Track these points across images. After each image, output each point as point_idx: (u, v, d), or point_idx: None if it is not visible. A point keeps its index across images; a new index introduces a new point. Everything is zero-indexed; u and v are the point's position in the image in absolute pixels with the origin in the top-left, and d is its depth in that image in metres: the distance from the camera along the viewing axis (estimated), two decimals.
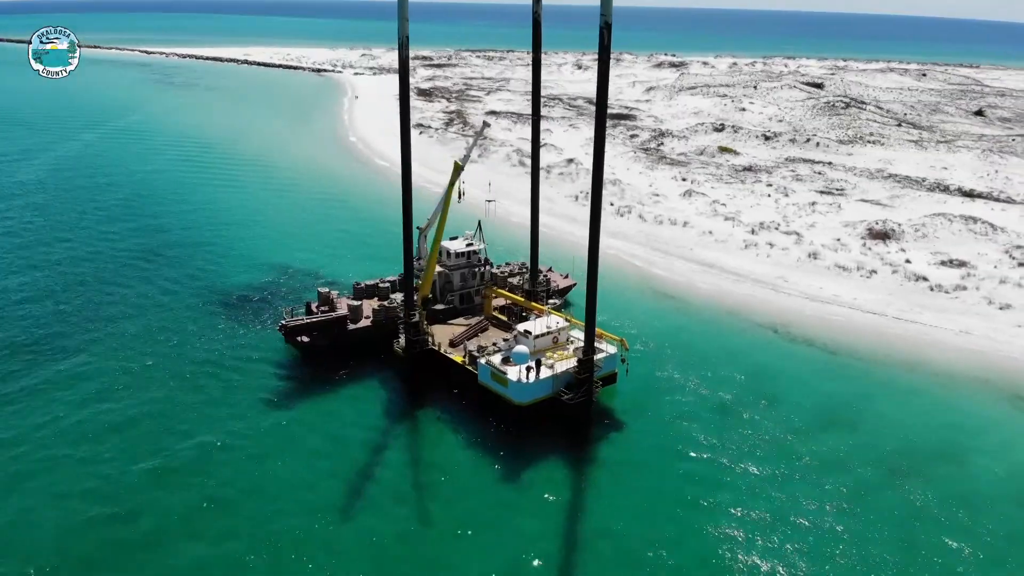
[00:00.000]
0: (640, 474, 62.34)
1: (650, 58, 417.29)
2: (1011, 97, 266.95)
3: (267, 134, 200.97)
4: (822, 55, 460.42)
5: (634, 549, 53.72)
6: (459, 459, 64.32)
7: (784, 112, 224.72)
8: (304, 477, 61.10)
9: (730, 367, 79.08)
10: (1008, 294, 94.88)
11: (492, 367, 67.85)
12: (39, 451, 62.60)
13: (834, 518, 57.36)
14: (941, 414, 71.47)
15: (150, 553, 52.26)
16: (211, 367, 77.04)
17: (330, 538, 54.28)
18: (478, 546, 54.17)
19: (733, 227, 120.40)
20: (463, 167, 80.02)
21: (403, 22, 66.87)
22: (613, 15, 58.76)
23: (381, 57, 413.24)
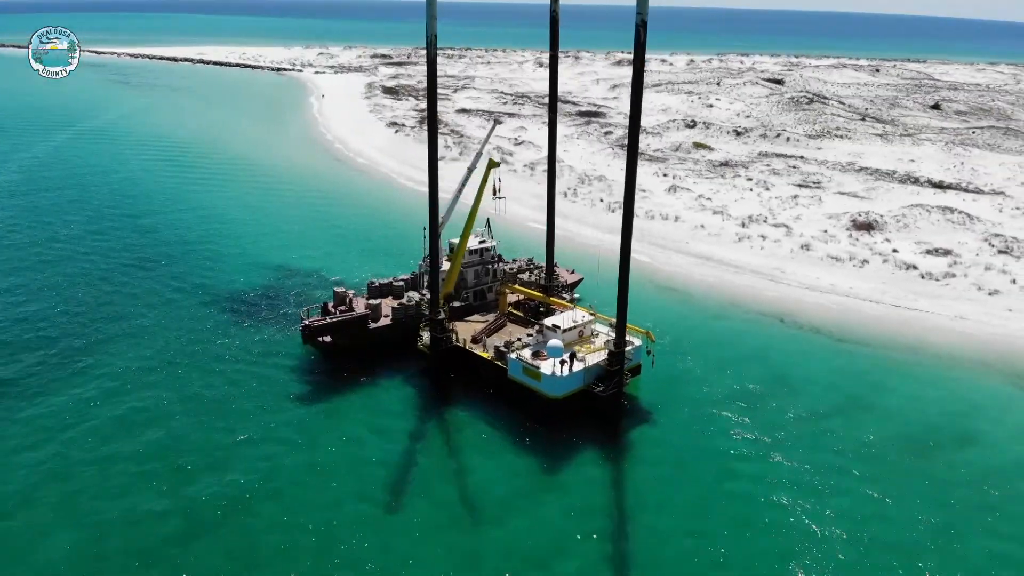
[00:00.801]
0: (677, 460, 63.91)
1: (607, 56, 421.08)
2: (963, 91, 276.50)
3: (243, 134, 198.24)
4: (774, 52, 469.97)
5: (680, 535, 55.38)
6: (495, 451, 65.13)
7: (751, 108, 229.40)
8: (346, 470, 61.67)
9: (744, 356, 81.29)
10: (994, 280, 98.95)
11: (524, 362, 68.64)
12: (78, 452, 61.78)
13: (872, 496, 59.79)
14: (950, 395, 74.54)
15: (201, 543, 52.32)
16: (235, 367, 76.54)
17: (380, 526, 55.25)
18: (526, 532, 55.29)
19: (723, 221, 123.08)
20: (498, 164, 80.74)
21: (431, 20, 67.14)
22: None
23: (339, 56, 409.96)
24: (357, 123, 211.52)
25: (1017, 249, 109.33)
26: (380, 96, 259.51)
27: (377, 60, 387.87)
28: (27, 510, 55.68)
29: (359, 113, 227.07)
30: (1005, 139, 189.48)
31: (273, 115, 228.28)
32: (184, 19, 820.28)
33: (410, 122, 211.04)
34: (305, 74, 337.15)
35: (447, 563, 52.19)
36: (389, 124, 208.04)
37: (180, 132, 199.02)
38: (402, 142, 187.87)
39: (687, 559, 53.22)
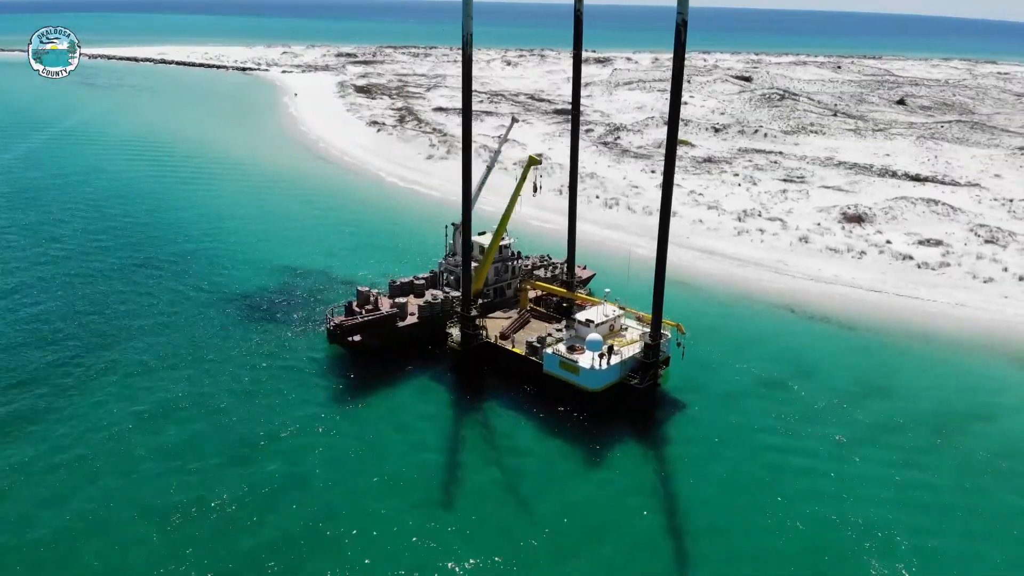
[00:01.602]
0: (716, 447, 65.71)
1: (572, 53, 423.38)
2: (924, 86, 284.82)
3: (223, 134, 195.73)
4: (735, 50, 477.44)
5: (726, 519, 57.23)
6: (535, 441, 66.25)
7: (724, 105, 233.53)
8: (388, 460, 62.53)
9: (761, 345, 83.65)
10: (987, 268, 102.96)
11: (561, 356, 69.85)
12: (109, 449, 61.46)
13: (903, 467, 62.79)
14: (963, 378, 77.74)
15: (243, 535, 52.81)
16: (262, 367, 76.34)
17: (428, 519, 55.96)
18: (575, 512, 56.72)
19: (719, 216, 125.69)
20: (540, 161, 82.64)
21: (467, 19, 67.84)
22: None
23: (304, 55, 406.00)
24: (337, 122, 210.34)
25: (1003, 239, 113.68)
26: (354, 95, 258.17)
27: (343, 59, 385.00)
28: (56, 509, 55.38)
29: (337, 112, 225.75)
30: (972, 133, 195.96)
31: (249, 115, 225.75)
32: (142, 19, 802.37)
33: (390, 121, 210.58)
34: (272, 73, 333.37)
35: (500, 544, 53.42)
36: (369, 123, 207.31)
37: (159, 132, 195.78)
38: (386, 141, 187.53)
39: (739, 530, 55.64)
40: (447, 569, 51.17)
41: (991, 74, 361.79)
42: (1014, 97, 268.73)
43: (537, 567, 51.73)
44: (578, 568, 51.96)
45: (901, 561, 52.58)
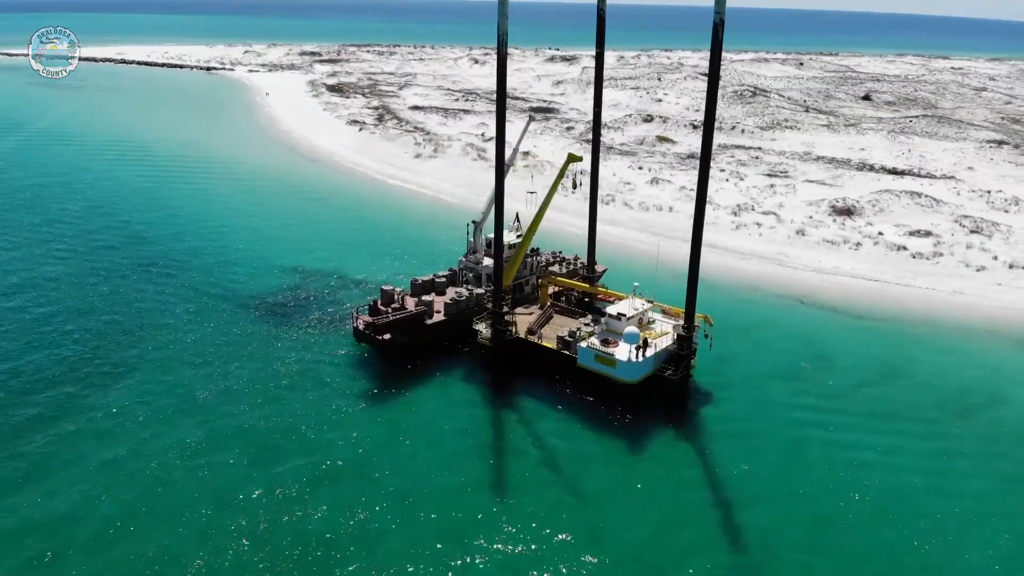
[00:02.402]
0: (752, 429, 68.04)
1: (537, 52, 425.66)
2: (886, 82, 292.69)
3: (204, 135, 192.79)
4: (696, 47, 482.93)
5: (773, 489, 59.85)
6: (573, 433, 67.45)
7: (698, 102, 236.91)
8: (444, 453, 63.60)
9: (777, 335, 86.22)
10: (978, 257, 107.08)
11: (596, 350, 71.20)
12: (156, 449, 61.15)
13: (931, 448, 65.92)
14: (971, 361, 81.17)
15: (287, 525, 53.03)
16: (295, 367, 76.35)
17: (482, 511, 57.07)
18: (628, 510, 58.10)
19: (714, 210, 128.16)
20: (580, 159, 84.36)
21: (503, 19, 68.77)
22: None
23: (267, 54, 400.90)
24: (316, 122, 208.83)
25: (987, 229, 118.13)
26: (327, 94, 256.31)
27: (308, 58, 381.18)
28: (115, 509, 55.30)
29: (314, 112, 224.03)
30: (940, 127, 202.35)
31: (226, 115, 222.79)
32: (96, 18, 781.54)
33: (370, 120, 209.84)
34: (238, 73, 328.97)
35: (560, 522, 54.89)
36: (349, 122, 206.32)
37: (140, 133, 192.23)
38: (369, 140, 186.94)
39: (787, 500, 58.90)
40: (514, 546, 52.59)
41: (946, 69, 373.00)
42: (973, 92, 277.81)
43: (603, 543, 53.38)
44: (637, 537, 54.24)
45: (946, 524, 56.39)
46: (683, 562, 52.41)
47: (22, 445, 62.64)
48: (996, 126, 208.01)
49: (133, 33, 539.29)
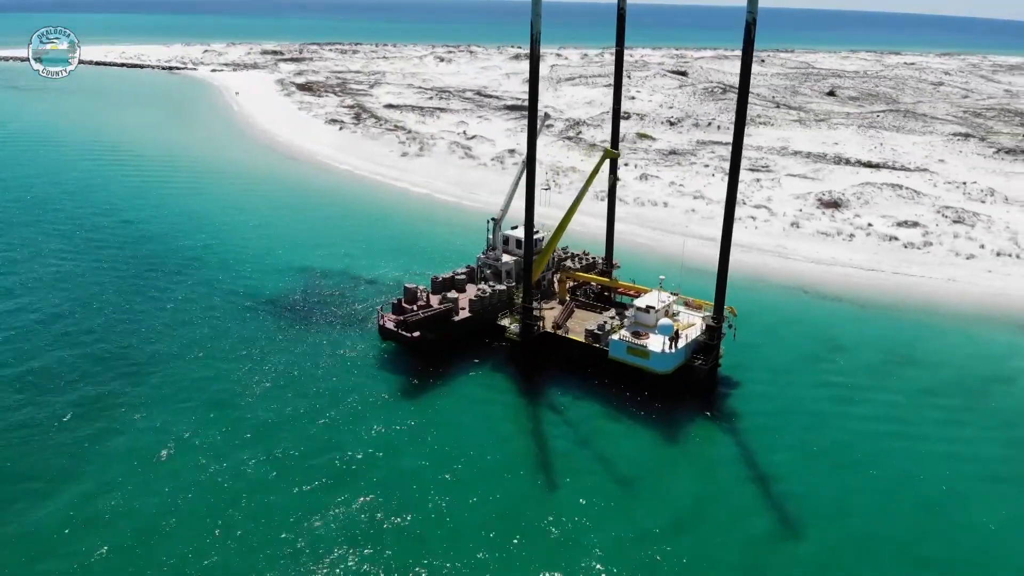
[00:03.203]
0: (782, 414, 70.64)
1: (500, 50, 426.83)
2: (847, 78, 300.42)
3: (182, 136, 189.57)
4: (656, 45, 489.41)
5: (811, 472, 62.72)
6: (614, 425, 69.05)
7: (670, 99, 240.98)
8: (480, 453, 64.31)
9: (789, 324, 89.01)
10: (966, 246, 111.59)
11: (629, 342, 72.96)
12: (201, 452, 61.22)
13: (953, 425, 69.43)
14: (976, 345, 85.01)
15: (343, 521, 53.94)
16: (321, 367, 76.65)
17: (528, 498, 58.78)
18: (671, 492, 60.33)
19: (707, 205, 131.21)
20: (618, 154, 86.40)
21: (536, 18, 69.94)
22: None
23: (227, 53, 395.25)
24: (294, 121, 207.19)
25: (968, 219, 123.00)
26: (299, 93, 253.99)
27: (270, 57, 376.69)
28: (172, 517, 55.45)
29: (289, 112, 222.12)
30: (906, 121, 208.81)
31: (201, 115, 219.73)
32: (47, 19, 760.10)
33: (347, 119, 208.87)
34: (201, 72, 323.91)
35: (613, 523, 56.22)
36: (328, 121, 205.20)
37: (118, 135, 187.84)
38: (351, 139, 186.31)
39: (825, 479, 62.01)
40: (560, 530, 54.25)
41: (900, 64, 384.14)
42: (931, 87, 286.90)
43: (649, 525, 55.26)
44: (682, 519, 56.55)
45: (967, 485, 61.17)
46: (728, 534, 54.90)
47: (66, 439, 62.85)
48: (959, 120, 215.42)
49: (86, 33, 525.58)
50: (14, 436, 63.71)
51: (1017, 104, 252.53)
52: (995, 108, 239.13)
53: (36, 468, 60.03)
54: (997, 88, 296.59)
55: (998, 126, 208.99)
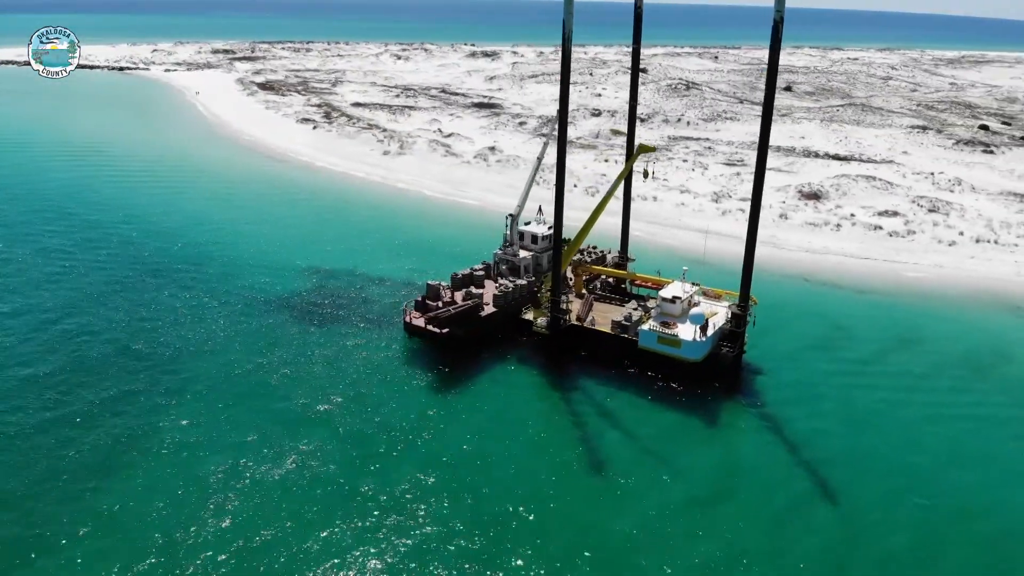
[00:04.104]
0: (807, 394, 74.79)
1: (454, 47, 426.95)
2: (800, 74, 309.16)
3: (155, 138, 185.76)
4: (607, 42, 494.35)
5: (845, 442, 67.17)
6: (649, 412, 71.45)
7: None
8: (521, 450, 65.83)
9: (795, 311, 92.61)
10: (946, 234, 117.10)
11: (659, 332, 75.23)
12: (254, 453, 61.53)
13: (962, 399, 74.49)
14: (971, 326, 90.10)
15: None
16: (352, 366, 77.20)
17: (579, 486, 60.84)
18: (717, 474, 63.48)
19: (695, 198, 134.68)
20: (654, 149, 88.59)
21: (568, 17, 71.43)
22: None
23: (177, 52, 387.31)
24: (264, 121, 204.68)
25: (943, 208, 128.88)
26: (262, 93, 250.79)
27: (222, 56, 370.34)
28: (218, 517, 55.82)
29: (257, 112, 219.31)
30: (865, 115, 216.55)
31: (168, 117, 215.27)
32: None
33: (318, 117, 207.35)
34: (154, 72, 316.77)
35: (666, 509, 58.57)
36: (300, 121, 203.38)
37: (90, 138, 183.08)
38: (327, 138, 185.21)
39: (855, 443, 67.07)
40: (618, 516, 56.52)
41: (844, 59, 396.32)
42: (880, 81, 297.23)
43: (702, 504, 57.91)
44: (741, 508, 58.77)
45: (983, 444, 67.43)
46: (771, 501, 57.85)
47: (114, 435, 62.34)
48: (913, 112, 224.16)
49: (23, 33, 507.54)
50: (56, 435, 63.03)
51: (964, 97, 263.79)
52: (945, 101, 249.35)
53: (91, 462, 60.48)
54: (942, 81, 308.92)
55: (951, 118, 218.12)
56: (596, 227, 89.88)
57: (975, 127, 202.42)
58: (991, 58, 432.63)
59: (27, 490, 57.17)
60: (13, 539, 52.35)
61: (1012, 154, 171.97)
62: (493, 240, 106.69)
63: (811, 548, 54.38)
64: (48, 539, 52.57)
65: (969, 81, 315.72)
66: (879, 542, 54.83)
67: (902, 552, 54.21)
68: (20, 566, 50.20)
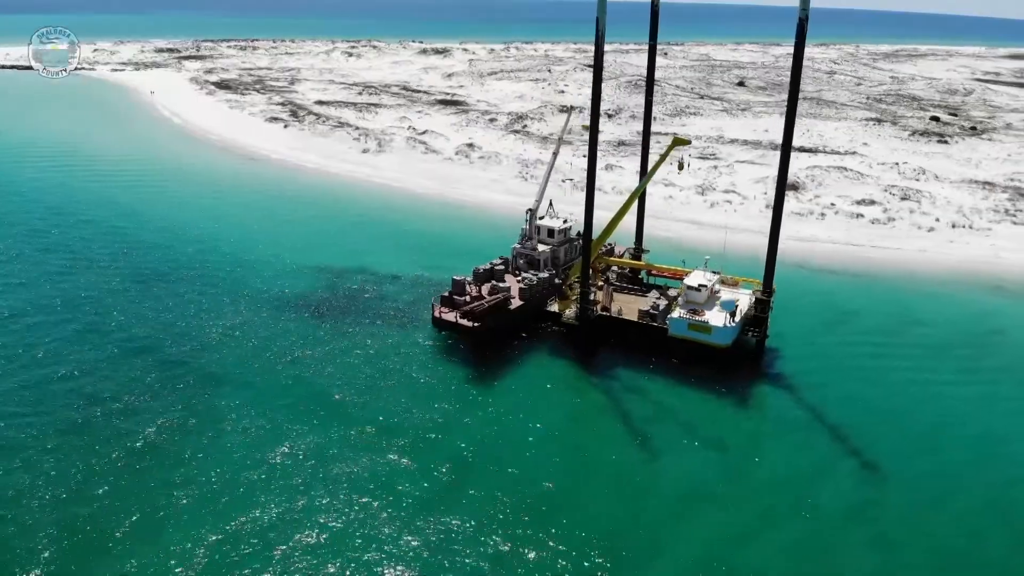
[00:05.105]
0: (827, 369, 79.63)
1: (403, 44, 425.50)
2: (749, 69, 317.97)
3: (121, 140, 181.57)
4: (554, 39, 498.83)
5: (869, 408, 72.48)
6: (686, 396, 74.61)
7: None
8: (568, 433, 69.15)
9: (798, 296, 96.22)
10: (924, 220, 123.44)
11: (690, 319, 78.23)
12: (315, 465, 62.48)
13: (969, 366, 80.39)
14: (963, 305, 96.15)
15: None
16: (384, 361, 78.16)
17: (638, 472, 63.67)
18: (766, 450, 67.03)
19: (680, 191, 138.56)
20: (689, 142, 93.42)
21: (602, 14, 73.64)
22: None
23: (119, 51, 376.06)
24: (232, 121, 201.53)
25: (913, 196, 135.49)
26: (221, 92, 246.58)
27: (167, 55, 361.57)
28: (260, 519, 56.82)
29: (221, 111, 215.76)
30: (820, 108, 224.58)
31: (132, 119, 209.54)
32: None
33: (285, 116, 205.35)
34: (101, 72, 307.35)
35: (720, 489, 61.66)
36: (269, 120, 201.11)
37: (55, 141, 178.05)
38: (302, 137, 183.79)
39: (876, 409, 72.55)
40: (677, 499, 59.50)
41: (785, 55, 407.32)
42: (826, 75, 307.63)
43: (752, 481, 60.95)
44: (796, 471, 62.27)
45: (982, 403, 74.26)
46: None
47: (178, 442, 62.28)
48: (865, 105, 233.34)
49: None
50: (119, 445, 62.73)
51: (908, 89, 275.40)
52: (892, 94, 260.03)
53: (158, 452, 61.15)
54: (883, 75, 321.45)
55: (901, 111, 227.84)
56: (603, 224, 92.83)
57: (927, 118, 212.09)
58: (923, 51, 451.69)
59: (101, 479, 57.16)
60: (101, 527, 52.42)
61: (965, 144, 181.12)
62: (495, 235, 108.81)
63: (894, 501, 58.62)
64: (133, 526, 53.63)
65: (908, 74, 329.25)
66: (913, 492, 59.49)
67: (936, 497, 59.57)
68: (107, 549, 50.39)
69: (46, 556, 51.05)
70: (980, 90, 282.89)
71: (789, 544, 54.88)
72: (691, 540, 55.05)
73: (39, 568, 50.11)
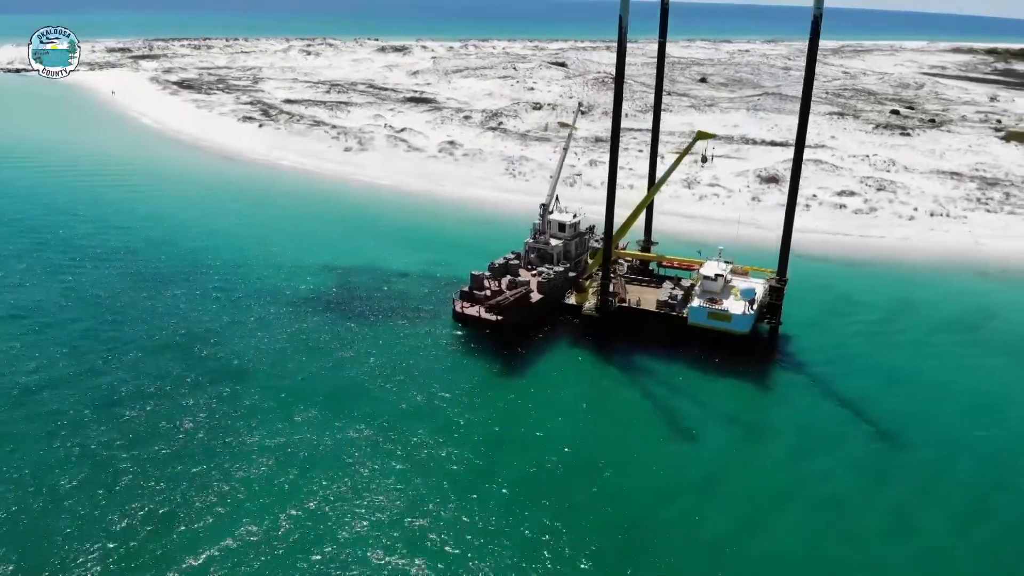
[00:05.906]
0: (840, 349, 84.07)
1: (359, 42, 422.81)
2: (707, 65, 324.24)
3: (95, 141, 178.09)
4: (511, 37, 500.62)
5: (884, 380, 77.91)
6: (708, 383, 77.37)
7: (566, 90, 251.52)
8: (597, 420, 71.49)
9: (797, 285, 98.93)
10: (903, 210, 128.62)
11: (709, 307, 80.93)
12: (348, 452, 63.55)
13: (971, 350, 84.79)
14: (953, 290, 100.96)
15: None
16: (409, 358, 79.01)
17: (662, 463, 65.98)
18: (791, 431, 69.72)
19: (667, 186, 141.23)
20: (712, 136, 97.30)
21: (625, 12, 75.67)
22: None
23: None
24: (203, 122, 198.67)
25: (888, 187, 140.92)
26: (184, 92, 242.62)
27: (120, 55, 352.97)
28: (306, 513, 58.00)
29: (189, 111, 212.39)
30: (782, 103, 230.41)
31: (100, 121, 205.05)
32: None
33: (257, 115, 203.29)
34: None
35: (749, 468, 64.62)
36: (242, 119, 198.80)
37: (27, 143, 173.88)
38: (278, 136, 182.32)
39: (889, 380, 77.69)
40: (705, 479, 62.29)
41: (737, 51, 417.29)
42: (782, 71, 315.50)
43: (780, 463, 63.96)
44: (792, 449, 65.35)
45: (982, 374, 79.62)
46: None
47: (209, 446, 62.68)
48: (825, 100, 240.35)
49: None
50: (156, 446, 62.73)
51: (862, 84, 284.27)
52: (848, 89, 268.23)
53: (202, 445, 61.55)
54: (836, 70, 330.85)
55: (860, 104, 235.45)
56: (593, 214, 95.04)
57: (887, 112, 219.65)
58: (868, 47, 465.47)
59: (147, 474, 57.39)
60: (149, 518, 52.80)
61: (927, 136, 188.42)
62: (493, 230, 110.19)
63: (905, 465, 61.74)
64: (182, 519, 54.31)
65: (859, 69, 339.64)
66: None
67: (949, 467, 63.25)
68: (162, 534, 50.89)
69: (92, 555, 51.23)
70: (930, 84, 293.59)
71: (814, 508, 58.57)
72: (718, 519, 57.28)
73: (79, 568, 50.39)
